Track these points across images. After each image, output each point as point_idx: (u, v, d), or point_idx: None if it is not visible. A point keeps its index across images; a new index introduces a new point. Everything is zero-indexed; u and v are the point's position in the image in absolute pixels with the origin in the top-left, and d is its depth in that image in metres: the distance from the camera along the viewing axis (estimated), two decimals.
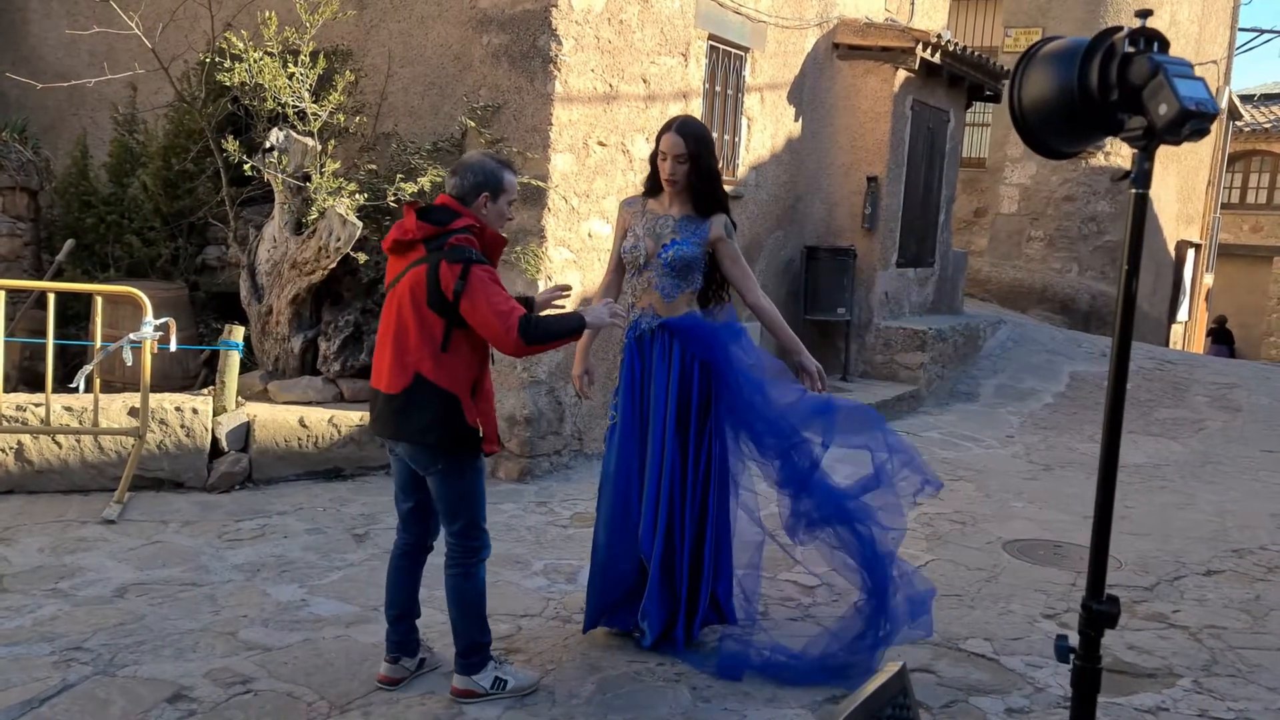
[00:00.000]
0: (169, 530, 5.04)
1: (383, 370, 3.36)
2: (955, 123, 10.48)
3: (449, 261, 3.19)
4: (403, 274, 3.29)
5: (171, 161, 6.72)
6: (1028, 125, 1.99)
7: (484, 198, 3.33)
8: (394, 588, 3.62)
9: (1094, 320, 14.61)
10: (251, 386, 6.33)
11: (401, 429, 3.32)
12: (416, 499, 3.55)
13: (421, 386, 3.26)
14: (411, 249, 3.29)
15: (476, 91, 6.33)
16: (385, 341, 3.35)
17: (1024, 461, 7.65)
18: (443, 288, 3.18)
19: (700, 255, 3.94)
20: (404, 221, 3.31)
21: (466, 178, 3.33)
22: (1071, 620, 4.58)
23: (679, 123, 3.95)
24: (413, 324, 3.25)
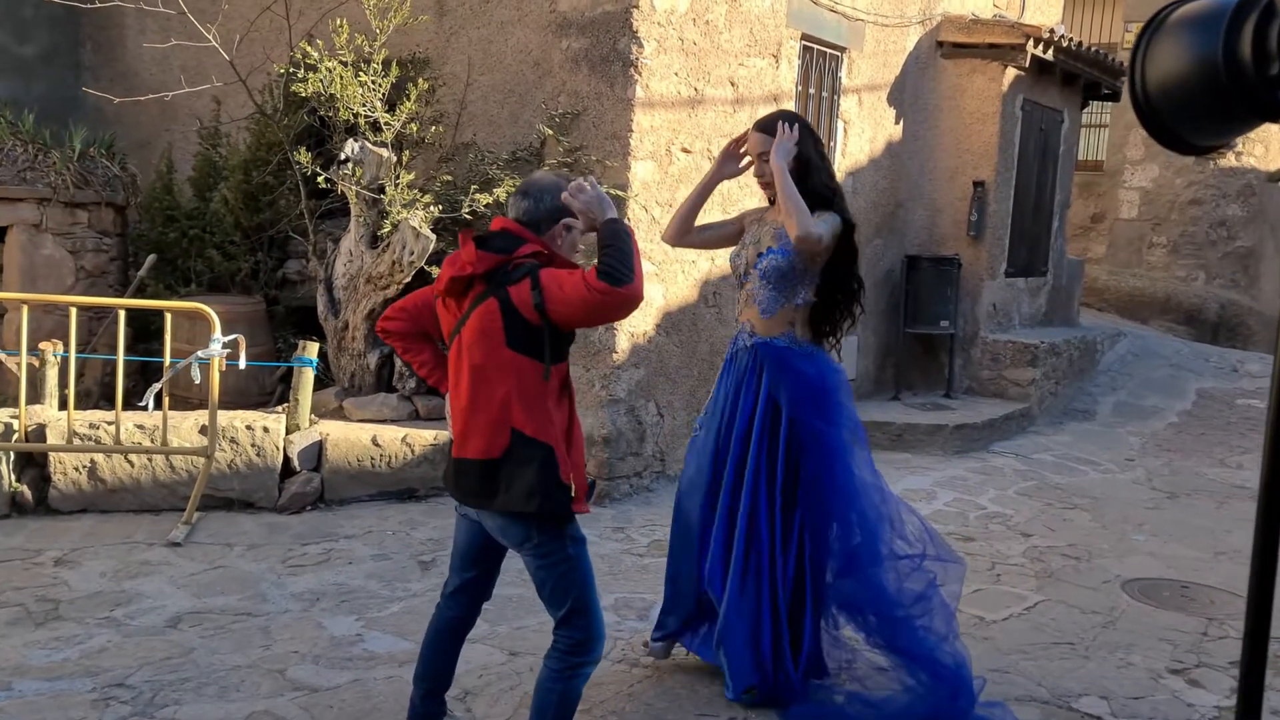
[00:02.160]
0: (233, 554, 4.91)
1: (471, 435, 2.79)
2: (1070, 123, 9.84)
3: (514, 283, 2.69)
4: (466, 317, 2.76)
5: (252, 175, 6.65)
6: (1154, 112, 1.56)
7: (562, 225, 2.83)
8: (431, 661, 3.13)
9: (1223, 332, 13.66)
10: (327, 404, 6.19)
11: (509, 499, 2.75)
12: (481, 569, 3.08)
13: (521, 443, 2.74)
14: (472, 287, 2.76)
15: (555, 98, 6.09)
16: (462, 402, 2.80)
17: (1146, 488, 7.04)
18: (524, 315, 2.68)
19: (796, 265, 3.55)
20: (459, 253, 2.77)
21: (543, 200, 2.81)
22: (1202, 676, 4.10)
23: (760, 121, 3.64)
24: (493, 373, 2.73)
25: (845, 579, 3.49)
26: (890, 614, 3.44)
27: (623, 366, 5.95)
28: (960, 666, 3.39)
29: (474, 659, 3.91)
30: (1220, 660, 4.27)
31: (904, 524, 3.53)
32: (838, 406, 3.53)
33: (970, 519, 6.03)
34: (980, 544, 5.62)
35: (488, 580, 3.13)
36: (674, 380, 6.30)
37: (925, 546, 3.52)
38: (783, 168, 3.47)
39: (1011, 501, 6.51)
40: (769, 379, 3.56)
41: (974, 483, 6.89)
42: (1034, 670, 4.07)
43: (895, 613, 3.44)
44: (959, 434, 7.60)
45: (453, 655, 3.18)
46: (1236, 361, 10.77)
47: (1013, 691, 3.86)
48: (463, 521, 3.05)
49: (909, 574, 3.45)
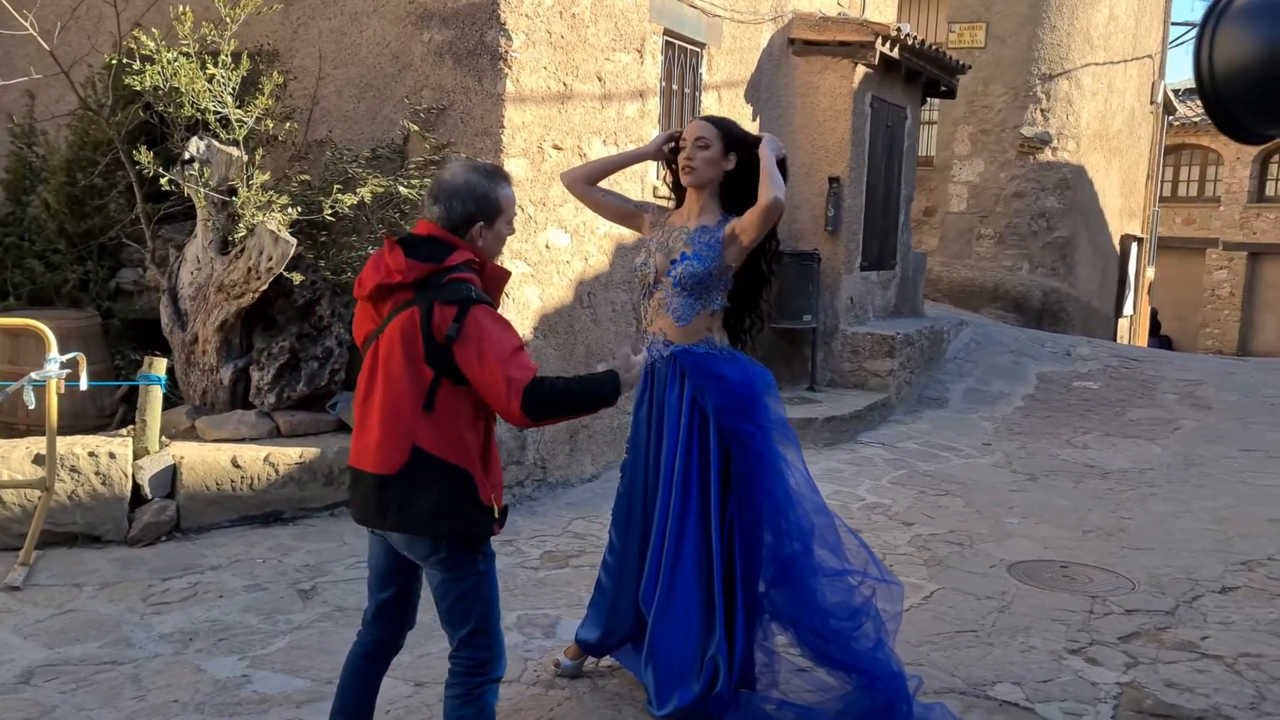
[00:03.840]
0: (84, 595, 4.42)
1: (369, 446, 2.65)
2: (912, 119, 10.15)
3: (442, 303, 2.57)
4: (385, 324, 2.64)
5: (77, 176, 6.04)
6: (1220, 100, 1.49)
7: (479, 228, 2.70)
8: (349, 690, 2.88)
9: (1046, 317, 14.44)
10: (177, 424, 5.70)
11: (404, 518, 2.62)
12: (397, 588, 2.85)
13: (423, 462, 2.59)
14: (395, 293, 2.64)
15: (418, 93, 5.79)
16: (368, 410, 2.67)
17: (1008, 471, 7.30)
18: (435, 336, 2.56)
19: (714, 271, 3.45)
20: (385, 259, 2.63)
21: (454, 206, 2.69)
22: (1099, 655, 4.21)
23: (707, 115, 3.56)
24: (406, 385, 2.59)
25: (778, 589, 3.39)
26: (824, 626, 3.36)
27: None
28: (896, 675, 3.34)
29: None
30: (1110, 637, 4.41)
31: (841, 540, 3.46)
32: (764, 409, 3.43)
33: (853, 510, 6.08)
34: (867, 535, 5.61)
35: (406, 599, 2.90)
36: None
37: (865, 566, 3.47)
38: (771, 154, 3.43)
39: (887, 491, 6.61)
40: (691, 387, 3.43)
41: (849, 474, 6.97)
42: (945, 661, 4.09)
43: (829, 624, 3.36)
44: (828, 426, 7.69)
45: (374, 684, 2.93)
46: (1069, 346, 11.37)
47: (930, 684, 3.85)
48: (373, 538, 2.85)
49: (845, 589, 3.38)
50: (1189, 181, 24.97)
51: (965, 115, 14.39)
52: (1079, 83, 14.64)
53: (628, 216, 3.74)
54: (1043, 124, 14.32)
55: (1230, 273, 23.82)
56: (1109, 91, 15.71)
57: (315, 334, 5.87)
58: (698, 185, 3.53)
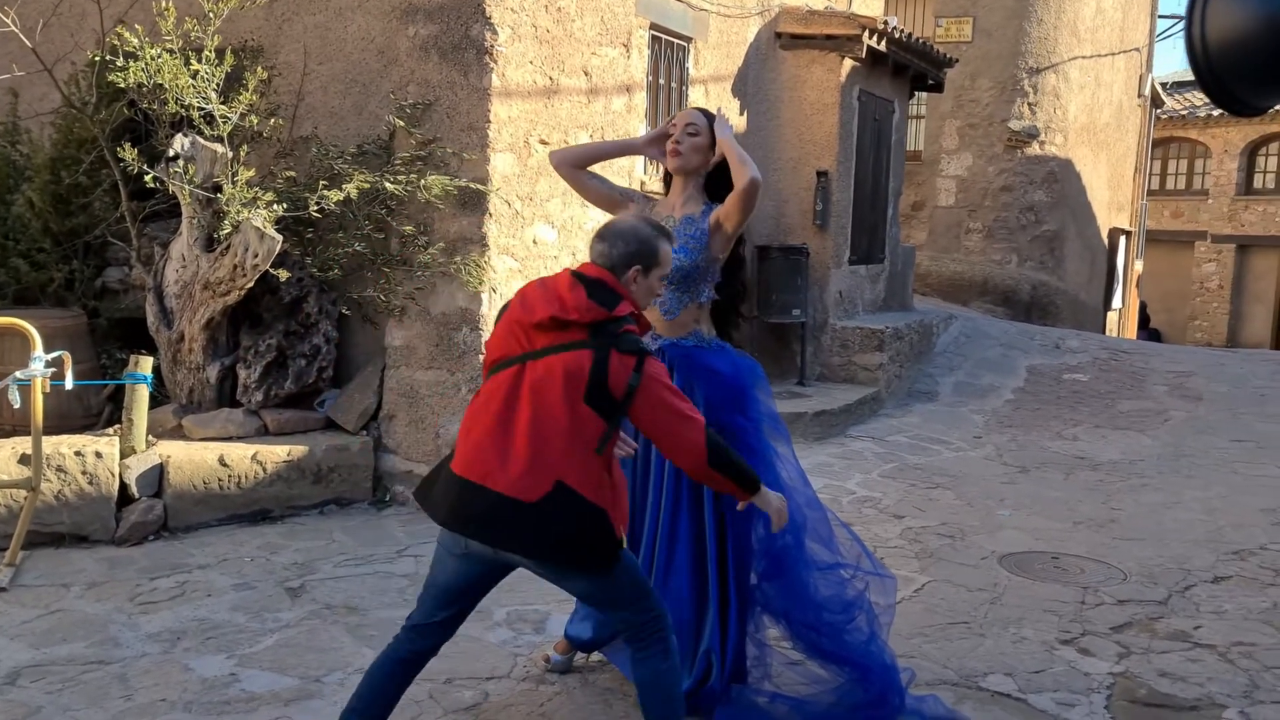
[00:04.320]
0: (71, 595, 4.38)
1: (501, 466, 2.67)
2: (900, 113, 10.15)
3: (621, 351, 2.68)
4: (544, 353, 2.69)
5: (61, 175, 5.99)
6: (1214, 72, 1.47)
7: (635, 271, 2.82)
8: (375, 693, 2.88)
9: (1035, 311, 14.46)
10: (164, 423, 5.66)
11: (538, 546, 2.70)
12: (460, 608, 2.91)
13: (564, 498, 2.65)
14: (565, 329, 2.71)
15: (404, 88, 5.75)
16: (509, 432, 2.68)
17: (998, 464, 7.30)
18: (611, 383, 2.66)
19: (701, 263, 3.43)
20: (563, 294, 2.71)
21: (617, 245, 2.82)
22: (1091, 645, 4.21)
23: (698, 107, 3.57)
24: (563, 421, 2.66)
25: (770, 582, 3.37)
26: (816, 619, 3.34)
27: None
28: (888, 668, 3.33)
29: None
30: (1102, 627, 4.41)
31: (833, 533, 3.44)
32: (754, 402, 3.41)
33: (843, 504, 6.06)
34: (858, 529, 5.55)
35: (462, 618, 2.95)
36: None
37: (858, 559, 3.45)
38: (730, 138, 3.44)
39: (878, 484, 6.61)
40: (681, 381, 3.40)
41: (839, 468, 6.96)
42: (937, 653, 4.08)
43: (822, 617, 3.34)
44: (818, 420, 7.68)
45: (401, 692, 2.94)
46: (1058, 339, 11.38)
47: (922, 676, 3.84)
48: (448, 558, 2.85)
49: (837, 582, 3.36)
50: (1177, 174, 25.02)
51: (953, 109, 14.41)
52: (1066, 76, 14.67)
53: (612, 203, 3.71)
54: (1030, 118, 14.33)
55: (1219, 265, 23.89)
56: (1096, 85, 15.74)
57: (303, 331, 5.83)
58: (684, 170, 3.53)
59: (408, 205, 5.67)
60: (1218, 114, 23.71)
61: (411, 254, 5.69)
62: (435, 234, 5.68)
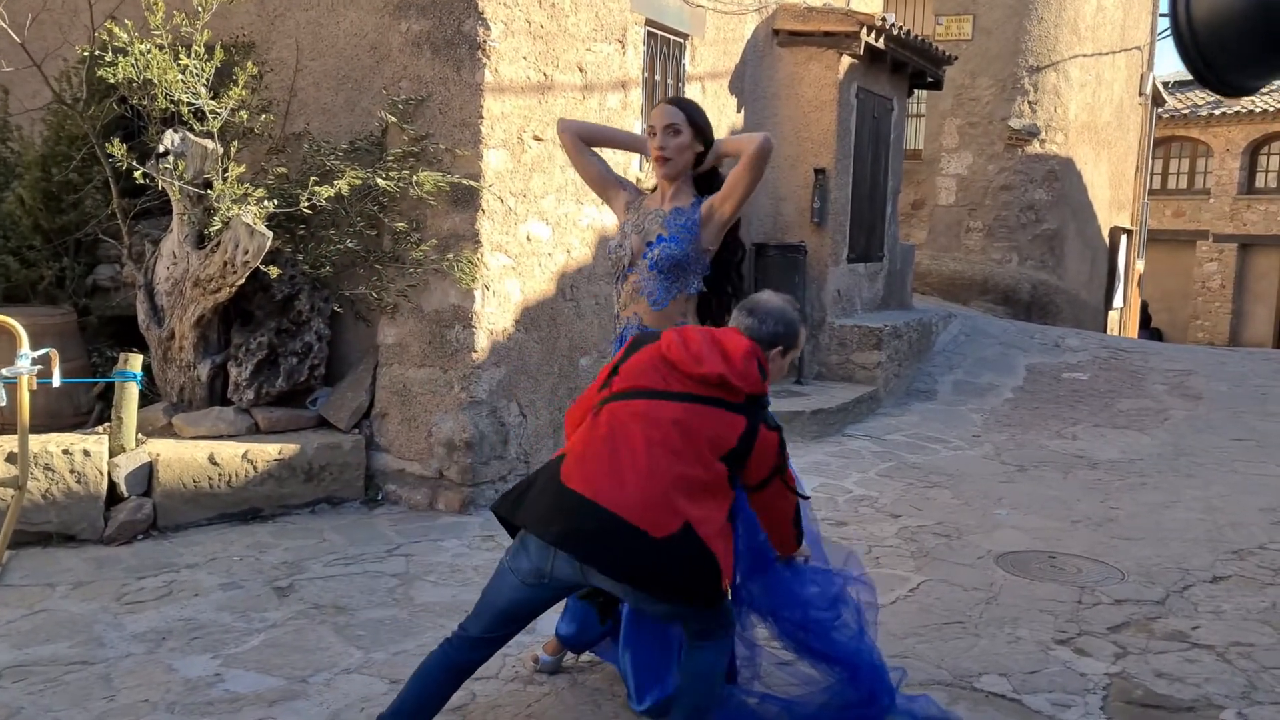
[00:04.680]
0: (56, 595, 4.34)
1: (632, 496, 2.67)
2: (899, 111, 10.09)
3: (769, 426, 2.85)
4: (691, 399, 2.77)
5: (52, 171, 5.95)
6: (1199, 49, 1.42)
7: (776, 352, 2.97)
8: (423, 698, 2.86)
9: (1035, 310, 14.41)
10: (154, 421, 5.62)
11: (648, 579, 2.69)
12: (508, 633, 2.92)
13: (688, 542, 2.67)
14: (725, 389, 2.78)
15: (396, 84, 5.71)
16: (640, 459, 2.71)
17: (996, 463, 7.25)
18: (755, 453, 2.82)
19: (690, 253, 3.39)
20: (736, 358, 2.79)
21: (766, 324, 2.96)
22: (1087, 645, 4.16)
23: (671, 99, 3.49)
24: (704, 469, 2.73)
25: (753, 580, 3.32)
26: (803, 616, 3.29)
27: (483, 366, 5.64)
28: (877, 667, 3.28)
29: (352, 690, 3.57)
30: (1099, 627, 4.35)
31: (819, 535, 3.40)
32: None
33: (840, 503, 6.02)
34: (854, 528, 5.60)
35: (518, 632, 2.98)
36: (535, 378, 6.02)
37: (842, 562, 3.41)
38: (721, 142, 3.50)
39: (875, 483, 6.56)
40: None
41: (836, 466, 6.91)
42: (931, 653, 4.03)
43: (808, 614, 3.29)
44: (816, 419, 7.63)
45: (449, 696, 2.94)
46: (1058, 337, 11.33)
47: (915, 676, 3.80)
48: (518, 585, 2.81)
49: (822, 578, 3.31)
50: (1179, 174, 24.96)
51: (953, 108, 14.35)
52: (1067, 74, 14.61)
53: (605, 186, 3.66)
54: (1030, 116, 14.28)
55: (1221, 265, 23.83)
56: (1097, 83, 15.68)
57: (294, 329, 5.79)
58: (673, 175, 3.48)
59: (400, 202, 5.63)
60: (1219, 113, 23.66)
61: (404, 251, 5.65)
62: (428, 231, 5.64)
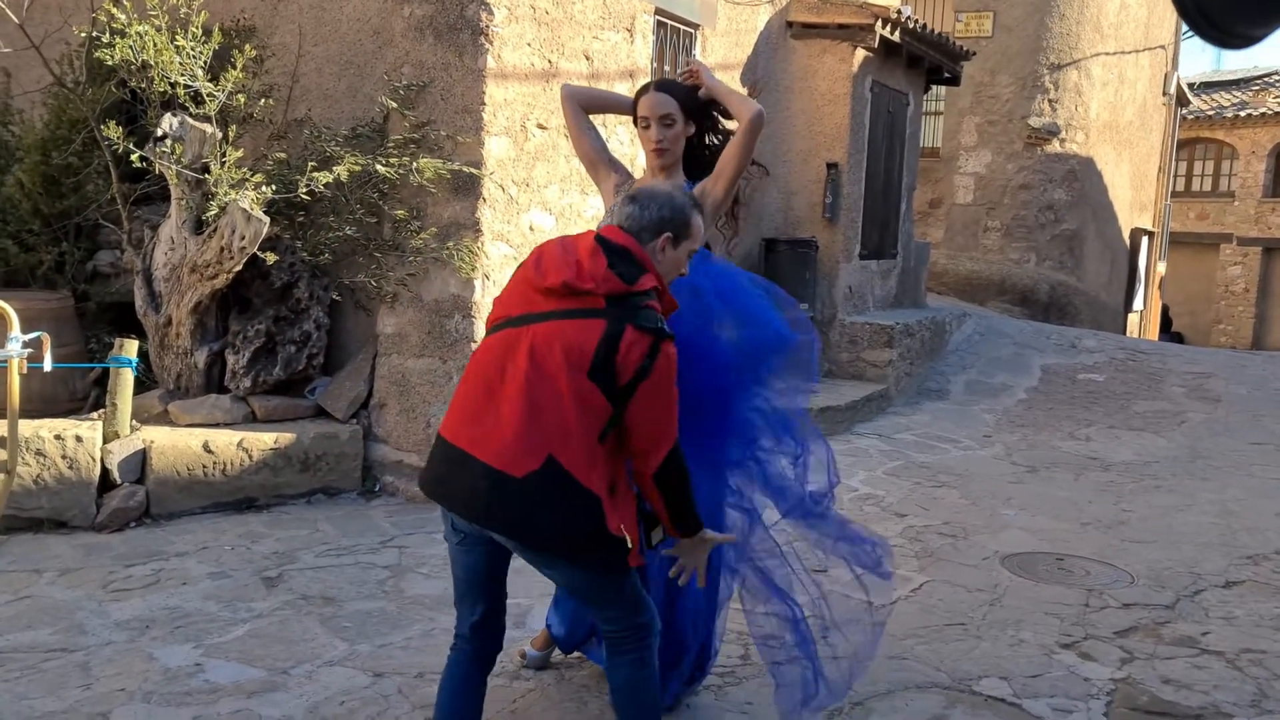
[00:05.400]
0: (42, 581, 4.28)
1: (493, 436, 2.45)
2: (914, 106, 9.95)
3: (638, 327, 2.44)
4: (547, 316, 2.48)
5: (52, 155, 5.90)
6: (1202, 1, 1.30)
7: (665, 239, 2.63)
8: (458, 703, 2.72)
9: (1053, 311, 14.22)
10: (150, 408, 5.56)
11: (519, 526, 2.46)
12: (490, 605, 2.70)
13: (554, 476, 2.42)
14: (578, 295, 2.48)
15: (399, 69, 5.63)
16: (499, 395, 2.47)
17: (1007, 463, 7.11)
18: (619, 360, 2.42)
19: None
20: (583, 260, 2.49)
21: (649, 209, 2.64)
22: (1092, 649, 4.03)
23: (656, 83, 3.35)
24: (564, 391, 2.42)
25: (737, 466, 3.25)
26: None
27: None
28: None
29: (333, 683, 3.49)
30: (1106, 631, 4.23)
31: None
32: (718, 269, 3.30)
33: (845, 501, 5.89)
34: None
35: (501, 610, 2.75)
36: None
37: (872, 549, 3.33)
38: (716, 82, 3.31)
39: (882, 482, 6.44)
40: None
41: (843, 465, 6.71)
42: (930, 655, 3.92)
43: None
44: (824, 417, 7.50)
45: (480, 698, 2.77)
46: (1075, 338, 11.16)
47: (913, 678, 3.70)
48: (459, 551, 2.64)
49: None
50: (1202, 176, 24.64)
51: (972, 106, 14.18)
52: (1088, 73, 14.41)
53: (597, 165, 3.51)
54: (1051, 115, 14.09)
55: (1244, 268, 23.52)
56: (1119, 82, 15.47)
57: (293, 317, 5.72)
58: (671, 164, 3.37)
59: (400, 189, 5.55)
60: (1245, 115, 23.35)
61: (404, 239, 5.57)
62: (428, 219, 5.56)
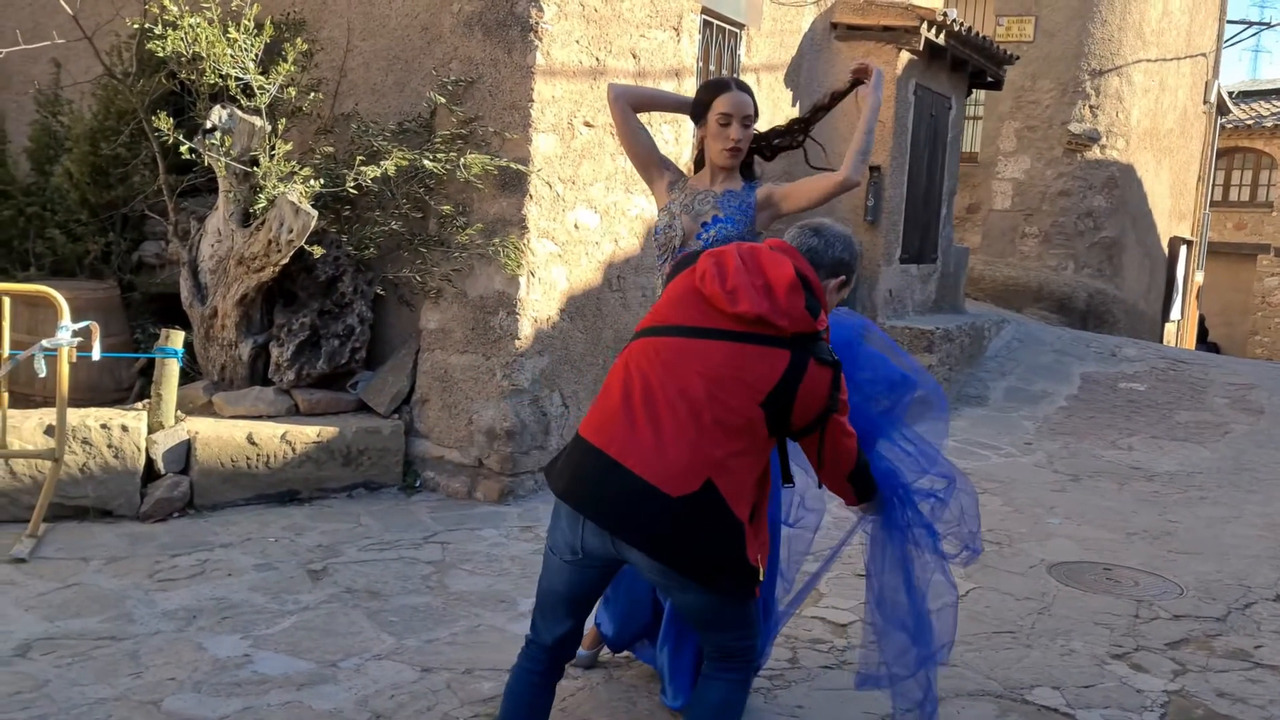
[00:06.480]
0: (90, 570, 4.30)
1: (650, 449, 2.33)
2: (957, 110, 9.86)
3: (819, 361, 2.40)
4: (725, 336, 2.39)
5: (100, 146, 5.94)
6: None
7: (839, 281, 2.66)
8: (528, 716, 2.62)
9: (1091, 319, 14.06)
10: (194, 399, 5.59)
11: (664, 545, 2.33)
12: (577, 622, 2.61)
13: (709, 501, 2.31)
14: (765, 324, 2.38)
15: (447, 65, 5.63)
16: (660, 407, 2.36)
17: (1049, 471, 7.02)
18: (801, 391, 2.37)
19: (745, 235, 3.28)
20: (779, 292, 2.38)
21: (834, 248, 2.64)
22: (1144, 660, 3.97)
23: (734, 80, 3.37)
24: (736, 418, 2.34)
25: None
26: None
27: (526, 354, 5.54)
28: None
29: (382, 677, 3.48)
30: (1157, 643, 4.17)
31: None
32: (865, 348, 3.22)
33: None
34: None
35: (584, 623, 2.68)
36: (579, 368, 5.92)
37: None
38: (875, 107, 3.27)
39: None
40: None
41: None
42: (981, 663, 3.87)
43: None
44: None
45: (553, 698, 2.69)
46: (1114, 346, 11.03)
47: (965, 686, 3.65)
48: (560, 565, 2.52)
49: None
50: (1241, 185, 24.32)
51: (1011, 111, 14.06)
52: (1130, 79, 14.26)
53: (649, 165, 3.49)
54: (1091, 121, 13.95)
55: None
56: (1160, 89, 15.29)
57: (337, 311, 5.73)
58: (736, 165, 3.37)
59: (447, 185, 5.55)
60: None
61: (449, 234, 5.57)
62: (474, 215, 5.55)
